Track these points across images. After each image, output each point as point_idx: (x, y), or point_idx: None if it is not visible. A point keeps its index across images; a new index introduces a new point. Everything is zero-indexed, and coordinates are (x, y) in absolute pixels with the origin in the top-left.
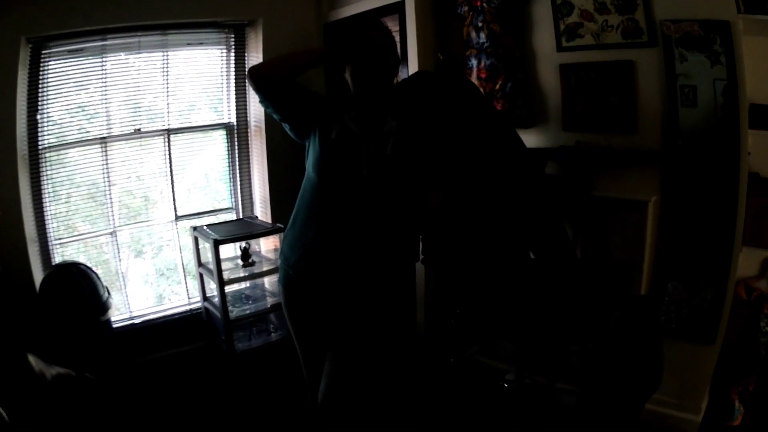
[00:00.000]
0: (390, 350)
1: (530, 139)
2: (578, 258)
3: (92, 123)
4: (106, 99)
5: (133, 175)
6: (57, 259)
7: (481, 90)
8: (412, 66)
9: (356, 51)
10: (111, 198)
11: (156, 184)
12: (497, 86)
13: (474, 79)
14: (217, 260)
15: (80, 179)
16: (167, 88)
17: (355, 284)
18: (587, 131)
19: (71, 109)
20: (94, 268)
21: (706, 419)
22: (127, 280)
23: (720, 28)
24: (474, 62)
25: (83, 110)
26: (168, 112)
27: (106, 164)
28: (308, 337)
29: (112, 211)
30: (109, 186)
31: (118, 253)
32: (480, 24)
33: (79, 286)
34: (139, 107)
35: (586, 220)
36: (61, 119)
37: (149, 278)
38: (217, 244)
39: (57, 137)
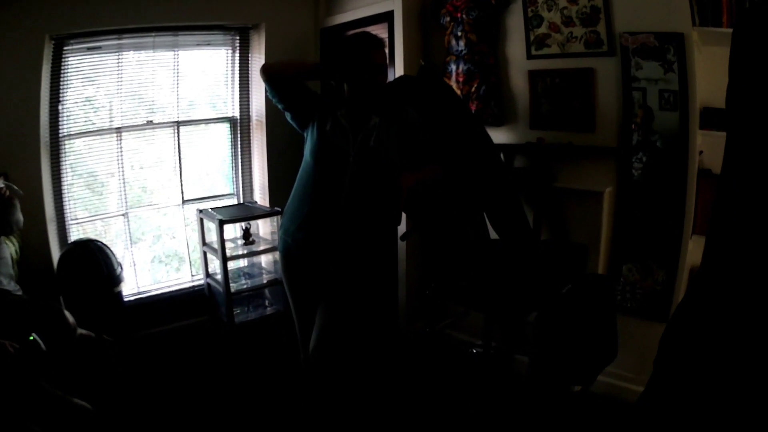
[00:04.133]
0: (374, 317)
1: (501, 135)
2: (539, 239)
3: (108, 114)
4: (120, 92)
5: (144, 162)
6: (72, 237)
7: (459, 92)
8: (399, 68)
9: (355, 72)
10: (124, 182)
11: (164, 171)
12: (473, 89)
13: (453, 82)
14: (222, 238)
15: (96, 165)
16: (177, 84)
17: (344, 249)
18: (551, 129)
19: (88, 100)
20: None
21: None
22: (136, 258)
23: (674, 39)
24: (453, 67)
25: (99, 102)
26: (177, 106)
27: (120, 152)
28: (302, 298)
29: (125, 194)
30: (123, 172)
31: (129, 233)
32: (459, 33)
33: (96, 260)
34: (151, 101)
35: (548, 207)
36: (79, 110)
37: (155, 258)
38: (222, 224)
39: (76, 126)
